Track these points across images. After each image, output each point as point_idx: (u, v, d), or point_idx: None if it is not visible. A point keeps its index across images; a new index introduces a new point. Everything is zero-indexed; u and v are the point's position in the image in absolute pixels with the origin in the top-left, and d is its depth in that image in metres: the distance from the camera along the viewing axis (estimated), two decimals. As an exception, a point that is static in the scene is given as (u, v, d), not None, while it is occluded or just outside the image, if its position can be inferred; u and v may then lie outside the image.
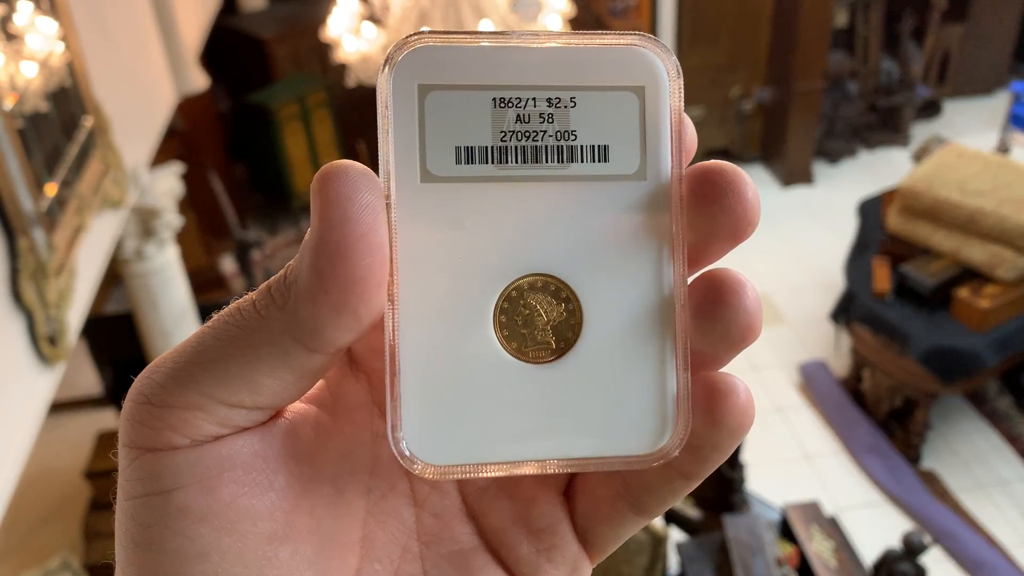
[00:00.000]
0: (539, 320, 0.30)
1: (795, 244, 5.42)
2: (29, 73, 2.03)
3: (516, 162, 0.30)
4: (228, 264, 5.56)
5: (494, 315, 0.30)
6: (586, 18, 5.90)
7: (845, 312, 4.28)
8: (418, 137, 0.29)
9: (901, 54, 6.38)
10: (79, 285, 2.12)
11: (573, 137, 0.30)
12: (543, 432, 0.30)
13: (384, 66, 0.29)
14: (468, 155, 0.30)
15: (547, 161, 0.30)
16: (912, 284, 3.93)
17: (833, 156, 6.34)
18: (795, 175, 6.14)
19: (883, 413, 4.15)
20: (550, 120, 0.30)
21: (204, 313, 3.69)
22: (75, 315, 2.10)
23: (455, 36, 0.29)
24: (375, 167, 0.29)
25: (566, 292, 0.30)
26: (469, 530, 0.33)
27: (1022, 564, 3.52)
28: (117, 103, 2.55)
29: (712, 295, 0.29)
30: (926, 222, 3.98)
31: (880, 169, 6.18)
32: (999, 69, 6.92)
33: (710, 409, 0.30)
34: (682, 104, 0.30)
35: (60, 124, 2.18)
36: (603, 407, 0.30)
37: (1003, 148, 5.22)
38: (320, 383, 0.33)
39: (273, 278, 0.28)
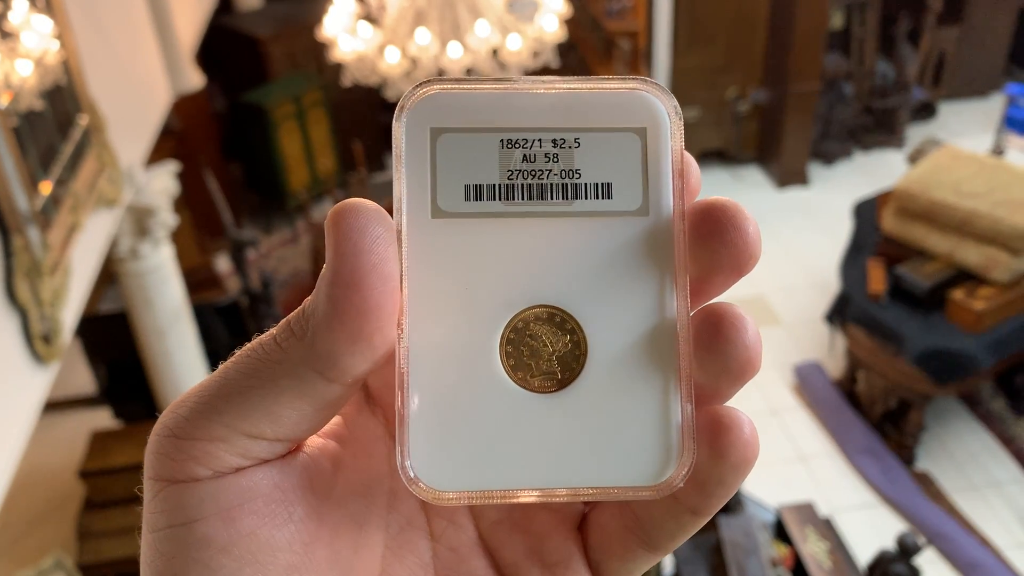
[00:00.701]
0: (544, 351, 0.31)
1: (790, 245, 5.43)
2: (24, 71, 2.03)
3: (523, 199, 0.31)
4: (223, 263, 5.55)
5: (500, 345, 0.31)
6: (582, 19, 5.90)
7: (840, 313, 4.29)
8: (430, 176, 0.31)
9: (896, 56, 6.40)
10: (73, 284, 2.12)
11: (577, 175, 0.31)
12: (547, 461, 0.31)
13: (398, 111, 0.31)
14: (477, 192, 0.31)
15: (552, 198, 0.31)
16: (907, 286, 3.94)
17: (828, 158, 6.35)
18: (790, 176, 6.15)
19: (877, 414, 4.16)
20: (555, 160, 0.31)
21: (199, 313, 3.69)
22: (69, 314, 2.09)
23: (464, 82, 0.31)
24: (372, 164, 0.30)
25: (571, 324, 0.31)
26: (484, 564, 0.34)
27: (1016, 565, 3.53)
28: (112, 101, 2.54)
29: (712, 329, 0.30)
30: (921, 224, 3.99)
31: (875, 171, 6.19)
32: (994, 71, 6.94)
33: (714, 443, 0.30)
34: (683, 144, 0.32)
35: (55, 122, 2.17)
36: (607, 437, 0.31)
37: (998, 150, 5.24)
38: (337, 419, 0.34)
39: (292, 313, 0.30)
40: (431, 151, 0.31)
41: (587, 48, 5.97)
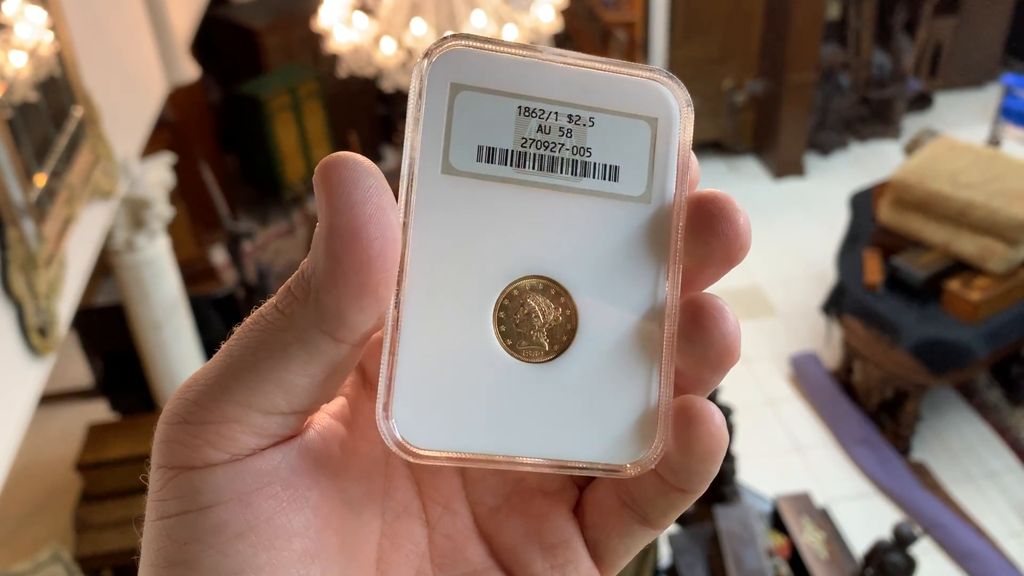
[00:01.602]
0: (536, 321, 0.31)
1: (786, 236, 5.43)
2: (18, 63, 2.02)
3: (533, 168, 0.31)
4: (219, 255, 5.54)
5: (494, 311, 0.31)
6: (578, 10, 5.89)
7: (836, 304, 4.29)
8: (444, 131, 0.31)
9: (893, 47, 6.39)
10: (69, 276, 2.11)
11: (588, 154, 0.32)
12: (527, 430, 0.31)
13: (422, 59, 0.31)
14: (489, 155, 0.31)
15: (562, 172, 0.32)
16: (903, 276, 3.94)
17: (825, 148, 6.35)
18: (787, 167, 6.15)
19: (874, 405, 4.17)
20: (568, 135, 0.32)
21: (195, 305, 3.68)
22: (65, 306, 2.09)
23: (491, 44, 0.31)
24: (368, 155, 0.30)
25: (565, 297, 0.31)
26: (482, 551, 0.33)
27: (1011, 555, 3.54)
28: (107, 93, 2.53)
29: (693, 318, 0.31)
30: (917, 214, 3.99)
31: (871, 161, 6.19)
32: (990, 62, 6.94)
33: (682, 434, 0.30)
34: (690, 138, 0.32)
35: (49, 114, 2.16)
36: (588, 413, 0.31)
37: (994, 141, 5.24)
38: (342, 400, 0.33)
39: (291, 278, 0.29)
40: (449, 106, 0.31)
41: (583, 39, 5.96)
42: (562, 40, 5.18)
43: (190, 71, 3.45)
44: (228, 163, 6.18)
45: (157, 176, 3.22)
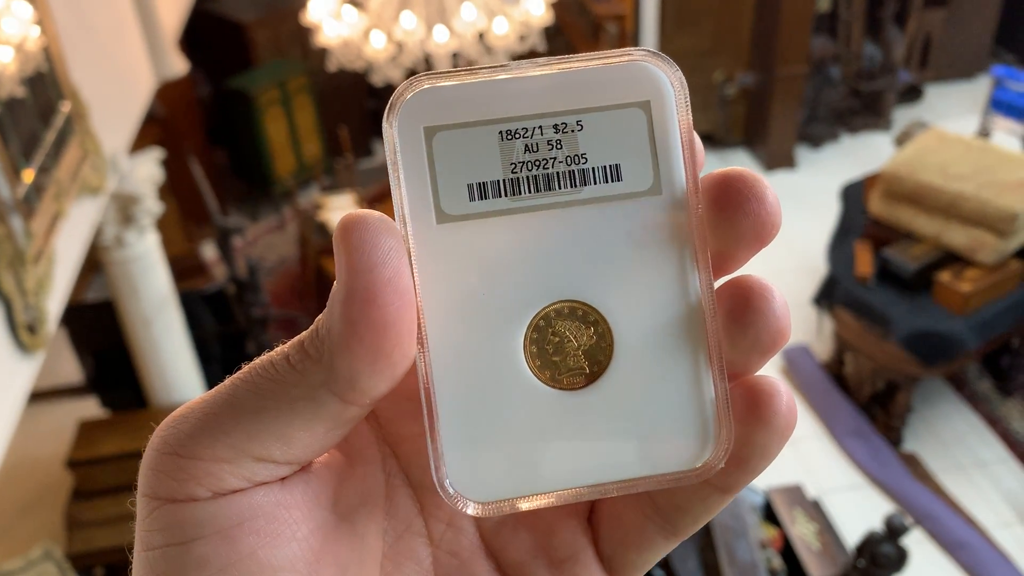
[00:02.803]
0: (569, 346, 0.30)
1: (778, 229, 5.44)
2: (4, 58, 2.00)
3: (529, 192, 0.30)
4: (209, 251, 5.52)
5: (524, 346, 0.30)
6: (568, 3, 5.87)
7: (827, 296, 4.30)
8: (429, 179, 0.29)
9: (883, 38, 6.40)
10: (58, 272, 2.10)
11: (583, 160, 0.30)
12: (584, 458, 0.30)
13: (387, 113, 0.29)
14: (481, 191, 0.30)
15: (560, 187, 0.30)
16: (894, 268, 3.95)
17: (815, 141, 6.36)
18: (778, 160, 6.15)
19: (865, 396, 4.18)
20: (559, 146, 0.30)
21: (185, 301, 3.67)
22: (54, 303, 2.08)
23: (454, 75, 0.29)
24: (358, 150, 0.29)
25: (594, 316, 0.30)
26: (488, 567, 0.33)
27: (1002, 544, 3.57)
28: (95, 88, 2.51)
29: (740, 302, 0.29)
30: (908, 206, 4.00)
31: (862, 153, 6.20)
32: (980, 53, 6.95)
33: (756, 413, 0.29)
34: (690, 116, 0.30)
35: (37, 110, 2.15)
36: (643, 426, 0.30)
37: (984, 132, 5.25)
38: None
39: (305, 332, 0.28)
40: (428, 152, 0.29)
41: (574, 32, 5.95)
42: (553, 33, 5.17)
43: (179, 66, 3.43)
44: (218, 158, 6.15)
45: (146, 171, 3.20)
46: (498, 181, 0.30)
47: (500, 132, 0.30)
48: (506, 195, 0.30)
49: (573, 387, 0.30)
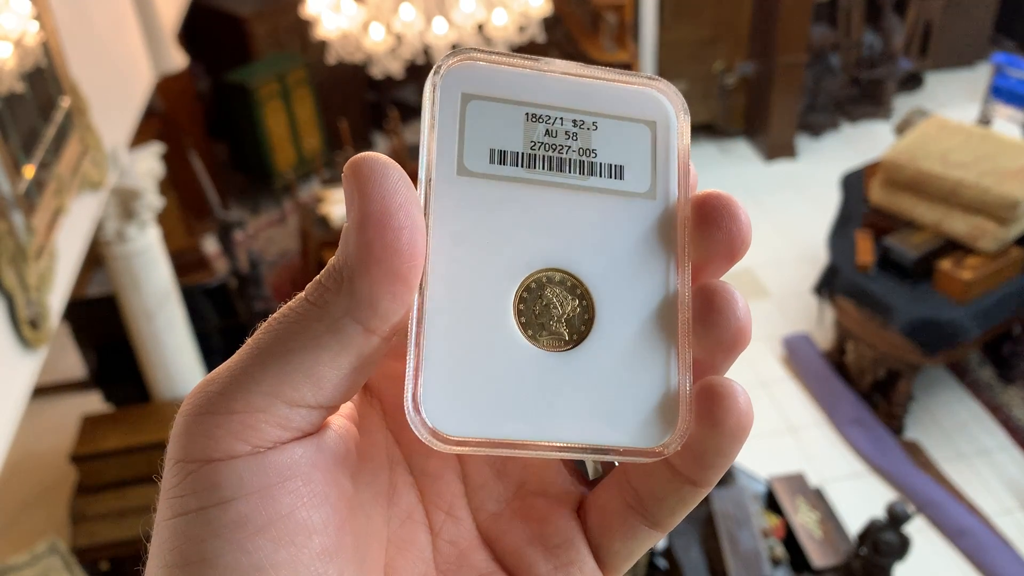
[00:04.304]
0: (555, 311, 0.32)
1: (778, 218, 5.44)
2: (3, 53, 2.00)
3: (543, 168, 0.33)
4: (210, 245, 5.52)
5: (514, 303, 0.32)
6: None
7: (828, 285, 4.30)
8: (458, 136, 0.32)
9: (883, 27, 6.38)
10: (60, 268, 2.10)
11: (593, 155, 0.34)
12: (553, 416, 0.31)
13: (432, 74, 0.33)
14: (501, 157, 0.33)
15: (570, 171, 0.33)
16: (895, 256, 3.95)
17: (816, 130, 6.35)
18: (778, 149, 6.14)
19: (866, 385, 4.19)
20: (574, 138, 0.34)
21: (187, 295, 3.67)
22: (56, 298, 2.08)
23: (497, 56, 0.33)
24: (359, 143, 0.30)
25: (581, 289, 0.33)
26: (485, 556, 0.34)
27: (1003, 531, 3.57)
28: (94, 83, 2.51)
29: (706, 304, 0.32)
30: (909, 194, 4.00)
31: (863, 142, 6.19)
32: (980, 41, 6.94)
33: (710, 412, 0.31)
34: (688, 143, 0.35)
35: (36, 105, 2.15)
36: (610, 399, 0.32)
37: (984, 120, 5.24)
38: (350, 404, 0.33)
39: (320, 274, 0.29)
40: (461, 114, 0.33)
41: (573, 22, 5.93)
42: (552, 24, 5.16)
43: (178, 60, 3.43)
44: (218, 152, 6.15)
45: (147, 166, 3.20)
46: (518, 152, 0.33)
47: (527, 114, 0.33)
48: (522, 166, 0.33)
49: (552, 349, 0.32)
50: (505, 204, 0.32)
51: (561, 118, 0.33)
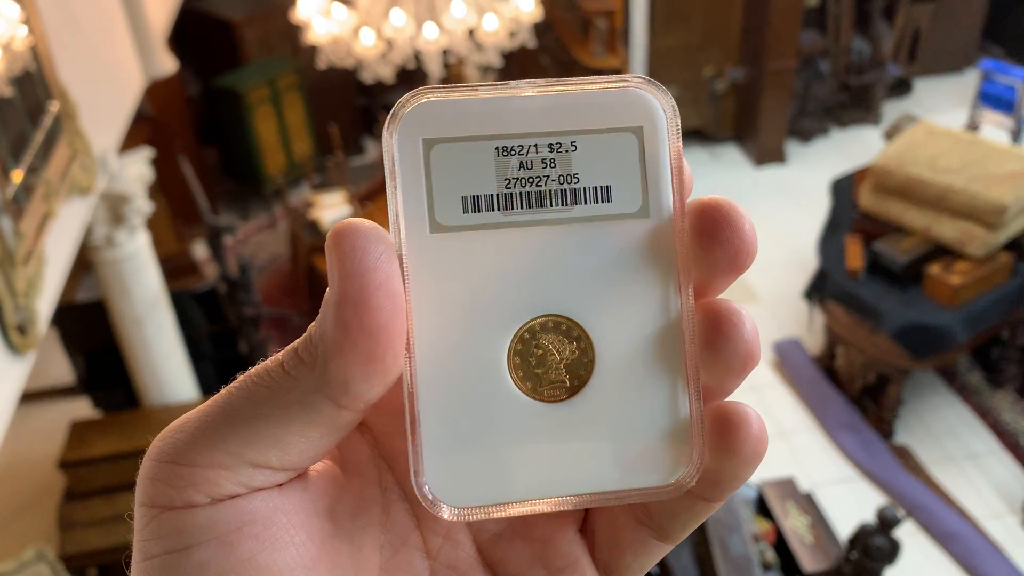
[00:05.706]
0: (552, 360, 0.31)
1: (768, 223, 5.45)
2: (-8, 57, 1.99)
3: (521, 208, 0.31)
4: (200, 250, 5.51)
5: (508, 357, 0.31)
6: (558, -2, 5.86)
7: (818, 290, 4.31)
8: (425, 189, 0.30)
9: (872, 33, 6.41)
10: (48, 273, 2.09)
11: (575, 180, 0.31)
12: (561, 469, 0.30)
13: (388, 123, 0.30)
14: (475, 204, 0.30)
15: (551, 205, 0.31)
16: (884, 261, 3.96)
17: (805, 135, 6.38)
18: (768, 154, 6.17)
19: (857, 389, 4.20)
20: (552, 165, 0.31)
21: (177, 300, 3.66)
22: (45, 303, 2.07)
23: (455, 90, 0.30)
24: (349, 148, 0.29)
25: (577, 331, 0.31)
26: None
27: (993, 536, 3.58)
28: (84, 88, 2.50)
29: (711, 327, 0.30)
30: (898, 200, 4.02)
31: (852, 147, 6.22)
32: (968, 47, 6.97)
33: (724, 440, 0.30)
34: (680, 144, 0.31)
35: (25, 109, 2.14)
36: (619, 441, 0.31)
37: (973, 125, 5.27)
38: None
39: (299, 339, 0.29)
40: (425, 163, 0.30)
41: (563, 28, 5.94)
42: (542, 30, 5.16)
43: (168, 64, 3.42)
44: (208, 157, 6.13)
45: (136, 171, 3.19)
46: (492, 195, 0.31)
47: (497, 148, 0.31)
48: (499, 209, 0.31)
49: (554, 400, 0.31)
50: (485, 256, 0.30)
51: (535, 145, 0.31)
